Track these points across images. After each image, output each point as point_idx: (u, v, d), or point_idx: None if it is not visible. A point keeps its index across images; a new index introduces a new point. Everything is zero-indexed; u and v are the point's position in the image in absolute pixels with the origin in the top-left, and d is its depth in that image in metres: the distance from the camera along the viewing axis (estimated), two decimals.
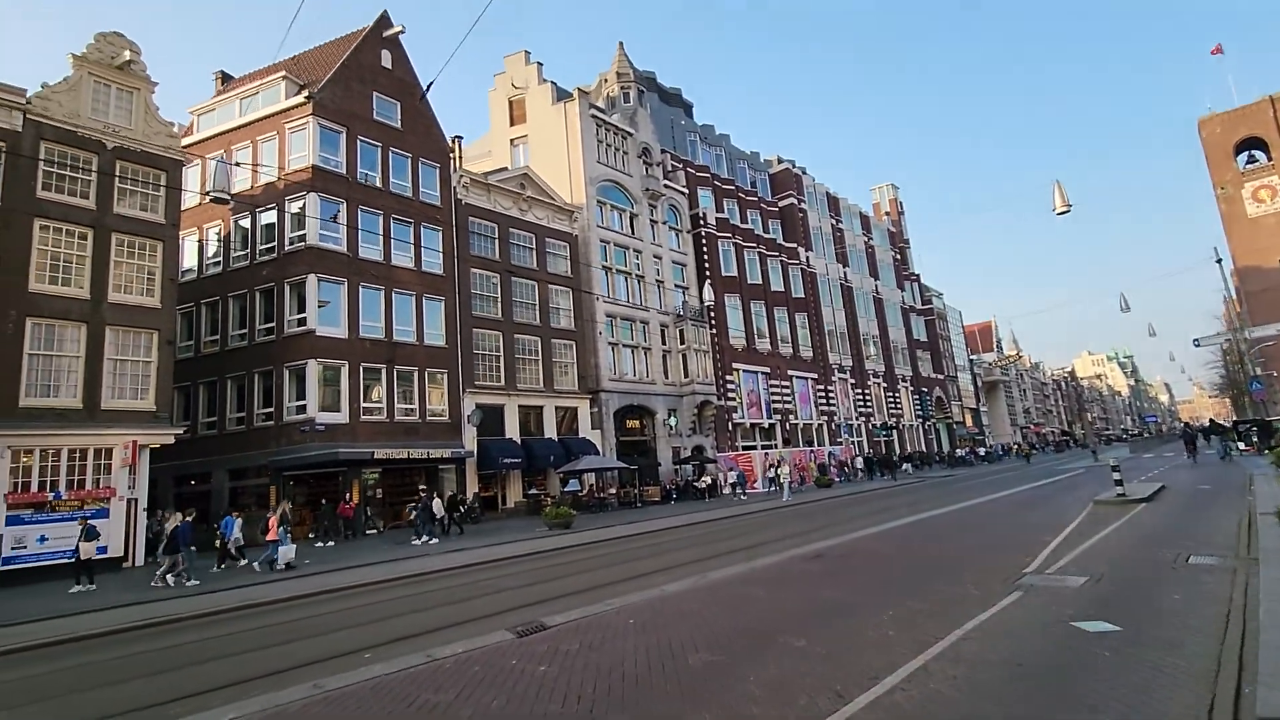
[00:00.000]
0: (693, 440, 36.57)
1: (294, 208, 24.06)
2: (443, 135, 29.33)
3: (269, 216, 24.82)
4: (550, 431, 30.06)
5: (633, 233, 37.26)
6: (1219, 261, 31.99)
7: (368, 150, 26.19)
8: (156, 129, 20.19)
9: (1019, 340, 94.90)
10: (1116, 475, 14.32)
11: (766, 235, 46.29)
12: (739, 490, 32.10)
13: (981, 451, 54.54)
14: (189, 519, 14.76)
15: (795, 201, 50.63)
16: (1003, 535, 10.72)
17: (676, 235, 40.42)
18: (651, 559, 11.63)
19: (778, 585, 7.98)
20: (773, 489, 33.00)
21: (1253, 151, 65.64)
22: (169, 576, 13.30)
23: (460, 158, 31.59)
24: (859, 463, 42.68)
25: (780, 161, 53.30)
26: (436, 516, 19.69)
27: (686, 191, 41.69)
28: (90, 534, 13.71)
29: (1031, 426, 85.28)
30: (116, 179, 19.05)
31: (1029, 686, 3.88)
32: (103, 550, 17.28)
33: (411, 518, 19.65)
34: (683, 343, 37.23)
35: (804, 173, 53.65)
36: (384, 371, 24.67)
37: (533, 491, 29.15)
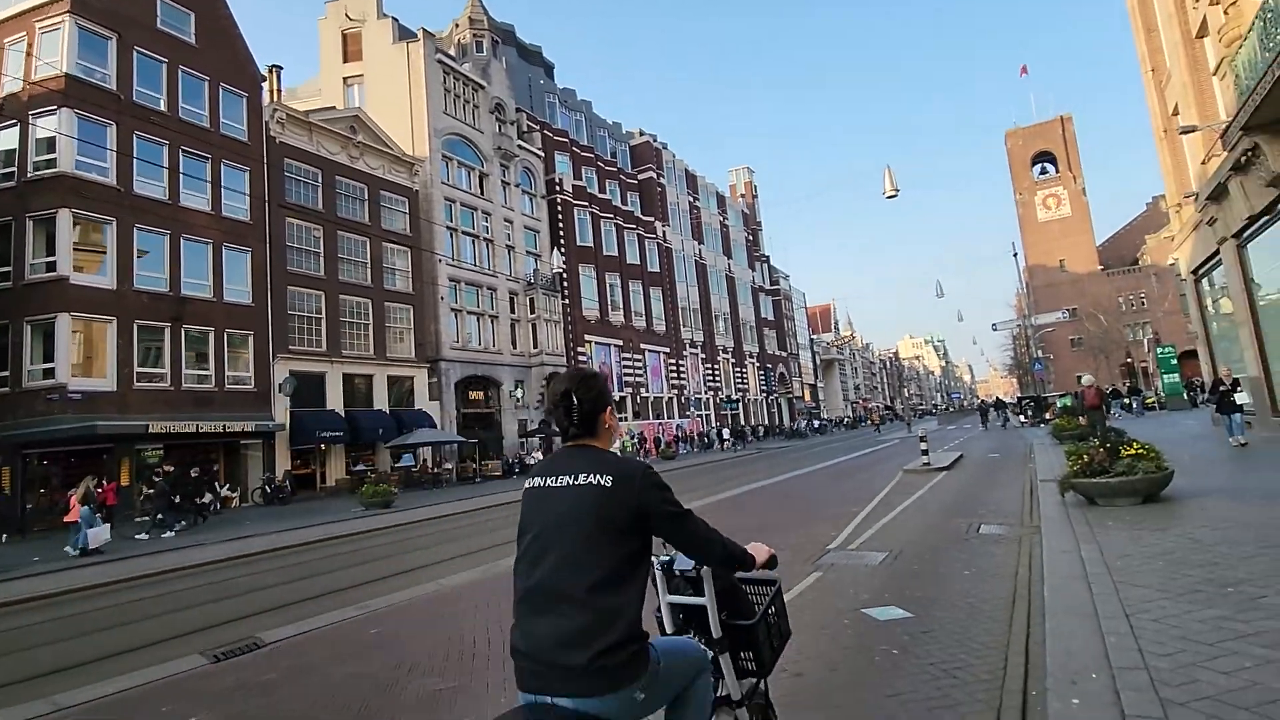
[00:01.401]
0: (540, 413, 35.39)
1: (42, 127, 19.49)
2: (252, 59, 25.32)
3: (9, 137, 20.00)
4: (381, 403, 27.53)
5: (482, 193, 34.93)
6: (1015, 256, 35.92)
7: (148, 66, 21.88)
8: None
9: (854, 322, 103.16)
10: (923, 445, 15.18)
11: (625, 207, 45.66)
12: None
13: (816, 424, 58.36)
14: None
15: (655, 175, 50.36)
16: (817, 507, 10.70)
17: (530, 199, 38.57)
18: (453, 543, 10.41)
19: None
20: None
21: (1045, 164, 75.37)
22: None
23: (278, 91, 27.64)
24: (726, 433, 43.92)
25: (642, 134, 52.70)
26: (176, 502, 16.55)
27: (542, 155, 39.84)
28: None
29: (860, 401, 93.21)
30: None
31: (802, 706, 3.19)
32: None
33: (144, 506, 16.27)
34: (533, 312, 35.74)
35: (665, 148, 53.50)
36: (168, 331, 21.00)
37: (360, 468, 26.58)
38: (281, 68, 27.92)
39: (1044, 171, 74.24)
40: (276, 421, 23.21)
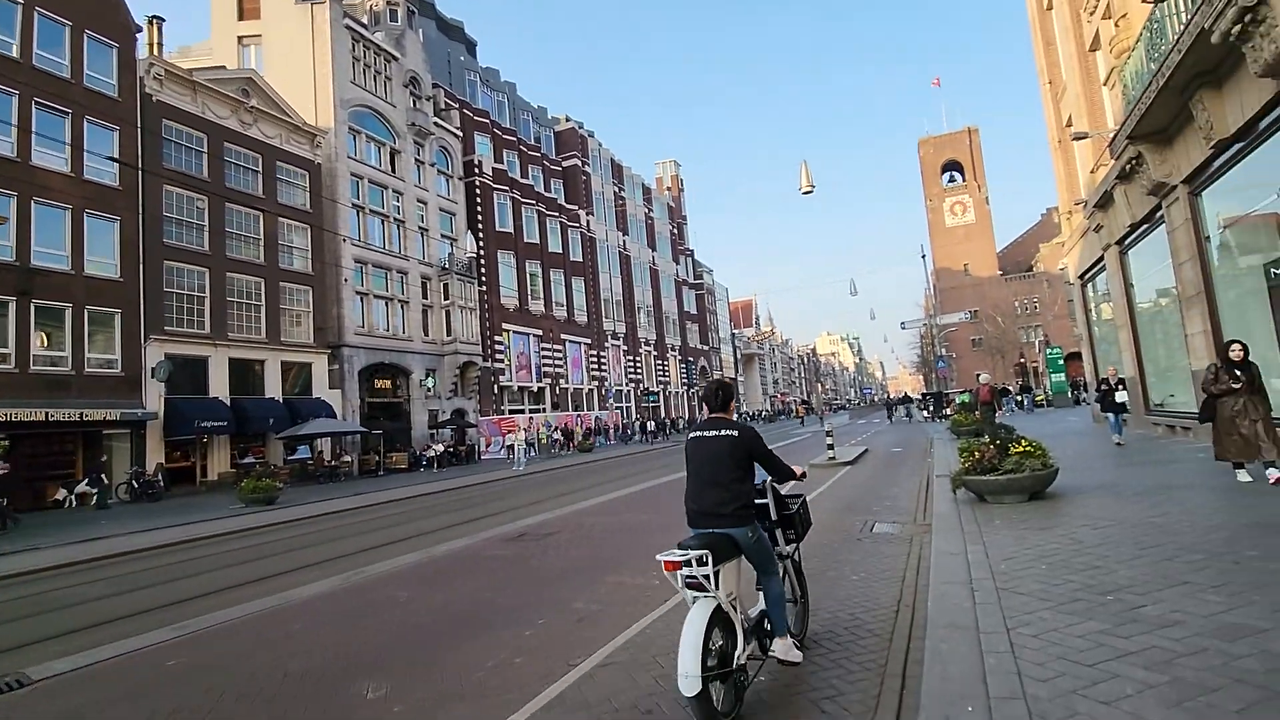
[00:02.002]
0: (453, 403, 34.01)
1: None
2: (125, 5, 22.71)
3: None
4: (274, 390, 25.56)
5: (393, 171, 33.03)
6: (924, 258, 37.36)
7: None
8: None
9: (774, 318, 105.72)
10: (829, 440, 15.26)
11: (547, 194, 44.48)
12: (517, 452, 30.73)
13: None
14: None
15: (579, 163, 49.38)
16: None
17: (447, 181, 36.85)
18: (323, 546, 9.45)
19: (440, 581, 6.42)
20: (532, 454, 31.99)
21: (953, 172, 79.37)
22: None
23: (160, 45, 25.04)
24: (651, 425, 43.72)
25: (568, 120, 51.54)
26: None
27: (461, 134, 38.13)
28: None
29: (779, 395, 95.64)
30: None
31: None
32: None
33: None
34: (447, 298, 34.20)
35: (591, 135, 52.56)
36: (14, 306, 18.57)
37: (248, 460, 24.58)
38: (163, 19, 25.25)
39: (952, 179, 78.21)
40: (148, 409, 21.04)
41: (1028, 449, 7.47)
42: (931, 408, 36.11)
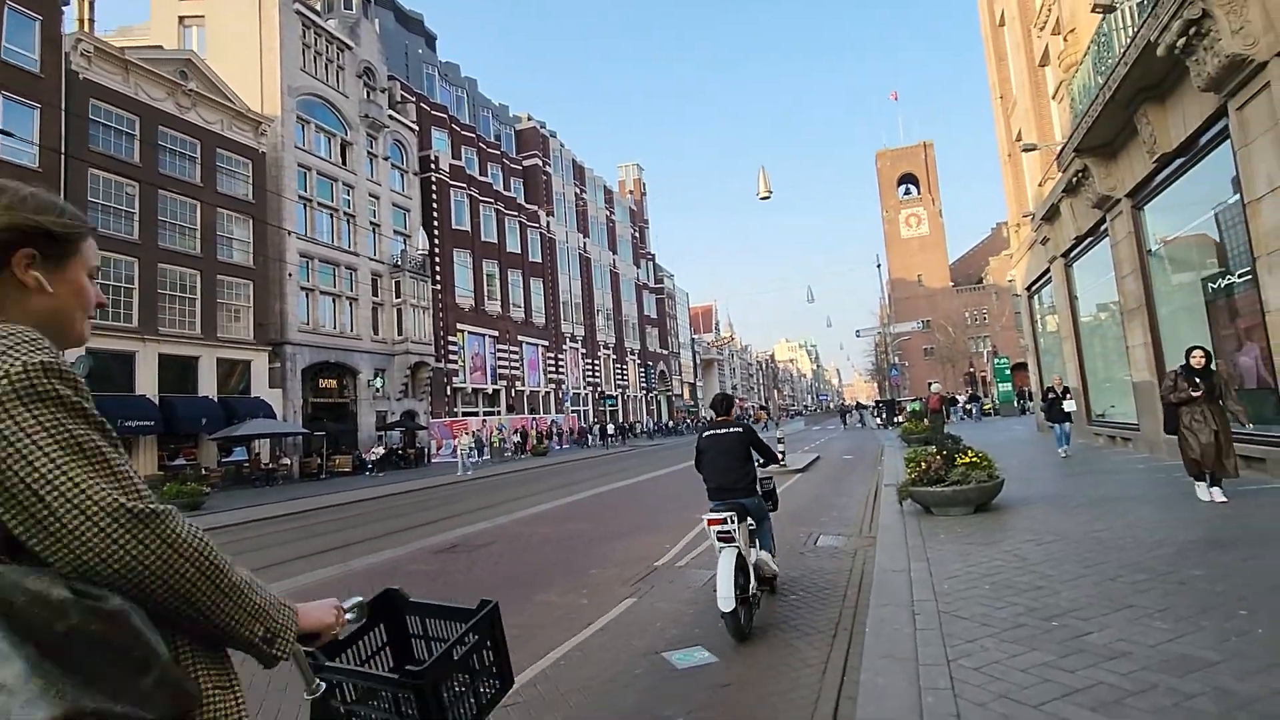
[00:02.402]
0: (403, 405, 32.98)
1: None
2: None
3: None
4: (208, 389, 24.26)
5: (344, 163, 31.89)
6: (879, 267, 37.93)
7: None
8: None
9: (734, 324, 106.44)
10: (781, 447, 15.12)
11: (507, 193, 43.69)
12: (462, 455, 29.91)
13: (691, 423, 59.24)
14: None
15: (540, 163, 48.71)
16: (660, 513, 10.04)
17: (401, 175, 35.81)
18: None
19: None
20: (485, 457, 31.26)
21: (909, 185, 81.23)
22: None
23: (90, 21, 23.67)
24: (611, 429, 43.31)
25: (530, 119, 50.82)
26: None
27: (417, 129, 37.14)
28: None
29: (738, 400, 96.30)
30: None
31: None
32: None
33: None
34: (398, 296, 33.16)
35: (553, 136, 51.94)
36: None
37: (178, 462, 23.23)
38: None
39: (908, 192, 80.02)
40: None
41: (974, 460, 7.34)
42: (884, 415, 36.61)
